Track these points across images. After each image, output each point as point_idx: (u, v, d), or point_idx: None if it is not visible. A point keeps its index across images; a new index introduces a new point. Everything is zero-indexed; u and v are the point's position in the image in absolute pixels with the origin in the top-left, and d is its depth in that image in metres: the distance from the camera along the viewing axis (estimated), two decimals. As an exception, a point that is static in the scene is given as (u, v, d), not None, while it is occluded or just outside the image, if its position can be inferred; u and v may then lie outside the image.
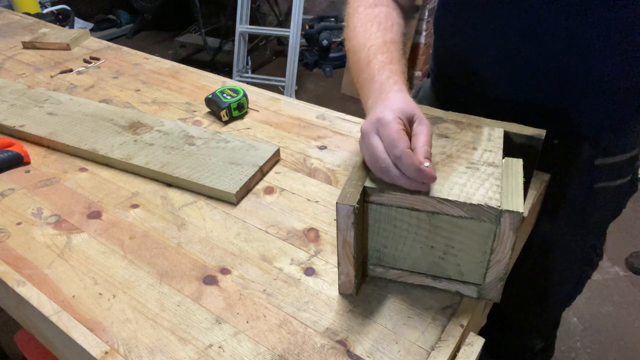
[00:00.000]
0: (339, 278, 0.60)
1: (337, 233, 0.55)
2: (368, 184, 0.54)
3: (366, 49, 0.67)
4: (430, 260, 0.58)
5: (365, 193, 0.54)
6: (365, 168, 0.57)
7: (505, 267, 0.55)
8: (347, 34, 0.73)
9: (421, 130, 0.55)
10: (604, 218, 0.87)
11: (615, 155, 0.78)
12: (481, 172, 0.55)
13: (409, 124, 0.56)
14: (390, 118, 0.53)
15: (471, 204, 0.51)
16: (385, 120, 0.53)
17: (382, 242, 0.59)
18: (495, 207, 0.50)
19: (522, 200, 0.51)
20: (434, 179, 0.51)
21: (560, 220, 0.84)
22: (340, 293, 0.62)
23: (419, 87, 1.01)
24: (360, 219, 0.55)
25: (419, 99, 0.97)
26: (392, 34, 0.69)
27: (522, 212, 0.49)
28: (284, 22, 3.51)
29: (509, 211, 0.50)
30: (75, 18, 3.15)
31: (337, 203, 0.52)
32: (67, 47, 1.34)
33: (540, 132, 0.66)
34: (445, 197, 0.52)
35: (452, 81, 0.85)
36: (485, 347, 0.56)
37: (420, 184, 0.52)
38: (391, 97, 0.58)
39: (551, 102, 0.73)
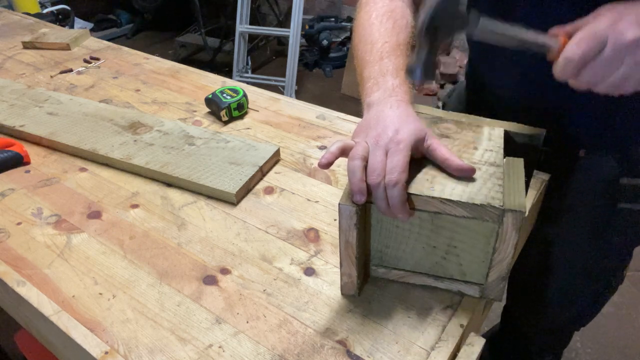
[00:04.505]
0: (341, 279, 0.60)
1: (340, 234, 0.55)
2: None
3: (380, 43, 0.66)
4: (433, 260, 0.58)
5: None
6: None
7: (507, 266, 0.55)
8: (360, 21, 0.72)
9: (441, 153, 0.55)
10: (627, 241, 0.83)
11: None
12: (483, 172, 0.55)
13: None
14: (407, 145, 0.53)
15: (474, 204, 0.51)
16: (402, 145, 0.53)
17: (384, 243, 0.59)
18: (497, 206, 0.50)
19: (525, 200, 0.51)
20: (406, 217, 0.53)
21: (579, 237, 0.82)
22: (342, 294, 0.62)
23: (453, 90, 1.01)
24: (363, 219, 0.55)
25: (454, 96, 0.97)
26: (405, 34, 0.69)
27: (525, 212, 0.49)
28: (284, 22, 3.51)
29: (511, 210, 0.49)
30: (75, 18, 3.15)
31: (339, 204, 0.52)
32: (67, 47, 1.34)
33: (540, 132, 0.66)
34: (448, 197, 0.52)
35: (481, 82, 0.85)
36: (494, 354, 0.55)
37: (389, 211, 0.52)
38: (410, 114, 0.57)
39: (575, 112, 0.72)
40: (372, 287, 0.63)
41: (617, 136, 0.72)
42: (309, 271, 0.66)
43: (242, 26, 2.98)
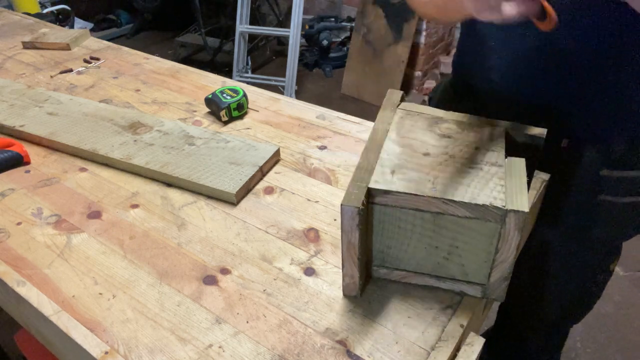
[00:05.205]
0: (343, 280, 0.60)
1: (342, 235, 0.54)
2: (372, 185, 0.54)
3: None
4: (435, 261, 0.58)
5: (369, 194, 0.54)
6: (366, 167, 0.57)
7: (510, 266, 0.54)
8: None
9: None
10: (610, 235, 0.83)
11: (626, 169, 0.74)
12: (485, 172, 0.55)
13: None
14: None
15: (476, 204, 0.51)
16: None
17: (386, 243, 0.59)
18: (500, 207, 0.50)
19: (527, 200, 0.51)
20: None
21: (563, 228, 0.82)
22: (344, 295, 0.62)
23: (440, 83, 1.01)
24: (365, 220, 0.55)
25: (439, 90, 0.97)
26: None
27: (527, 212, 0.49)
28: (284, 22, 3.50)
29: (514, 211, 0.49)
30: (75, 18, 3.15)
31: (341, 205, 0.52)
32: (67, 47, 1.34)
33: (542, 132, 0.66)
34: (450, 197, 0.51)
35: (468, 73, 0.86)
36: (492, 355, 0.56)
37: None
38: None
39: (559, 102, 0.73)
40: (372, 287, 0.63)
41: (600, 127, 0.73)
42: (309, 271, 0.66)
43: (242, 26, 2.98)
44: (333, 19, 3.39)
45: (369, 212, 0.56)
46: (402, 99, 0.71)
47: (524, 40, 0.71)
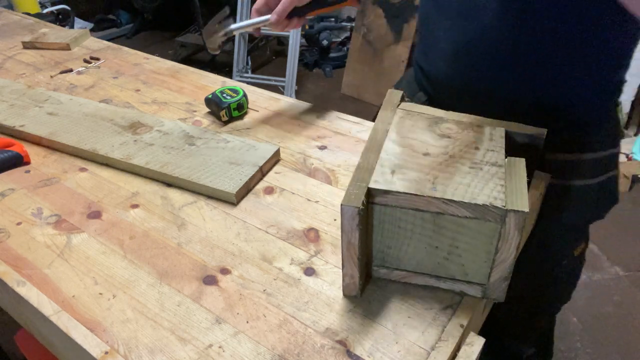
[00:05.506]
0: (343, 280, 0.60)
1: (342, 235, 0.55)
2: (372, 185, 0.54)
3: None
4: (435, 261, 0.58)
5: (369, 194, 0.54)
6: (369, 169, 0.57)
7: (510, 266, 0.55)
8: None
9: None
10: (568, 219, 0.82)
11: (568, 152, 0.75)
12: (485, 172, 0.55)
13: None
14: None
15: (476, 204, 0.51)
16: None
17: (386, 243, 0.59)
18: (500, 206, 0.50)
19: (527, 200, 0.51)
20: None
21: None
22: (344, 295, 0.62)
23: (402, 78, 1.02)
24: (365, 220, 0.55)
25: (403, 84, 0.98)
26: None
27: (527, 212, 0.49)
28: (284, 22, 3.50)
29: (514, 211, 0.50)
30: (75, 18, 3.15)
31: (341, 205, 0.52)
32: (67, 47, 1.34)
33: (542, 132, 0.66)
34: (450, 197, 0.51)
35: (423, 66, 0.88)
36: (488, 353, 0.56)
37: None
38: None
39: (501, 88, 0.75)
40: (372, 287, 0.63)
41: (542, 111, 0.74)
42: (309, 271, 0.66)
43: (242, 26, 2.98)
44: (333, 19, 3.39)
45: (369, 212, 0.56)
46: (402, 99, 0.71)
47: (465, 30, 0.74)
